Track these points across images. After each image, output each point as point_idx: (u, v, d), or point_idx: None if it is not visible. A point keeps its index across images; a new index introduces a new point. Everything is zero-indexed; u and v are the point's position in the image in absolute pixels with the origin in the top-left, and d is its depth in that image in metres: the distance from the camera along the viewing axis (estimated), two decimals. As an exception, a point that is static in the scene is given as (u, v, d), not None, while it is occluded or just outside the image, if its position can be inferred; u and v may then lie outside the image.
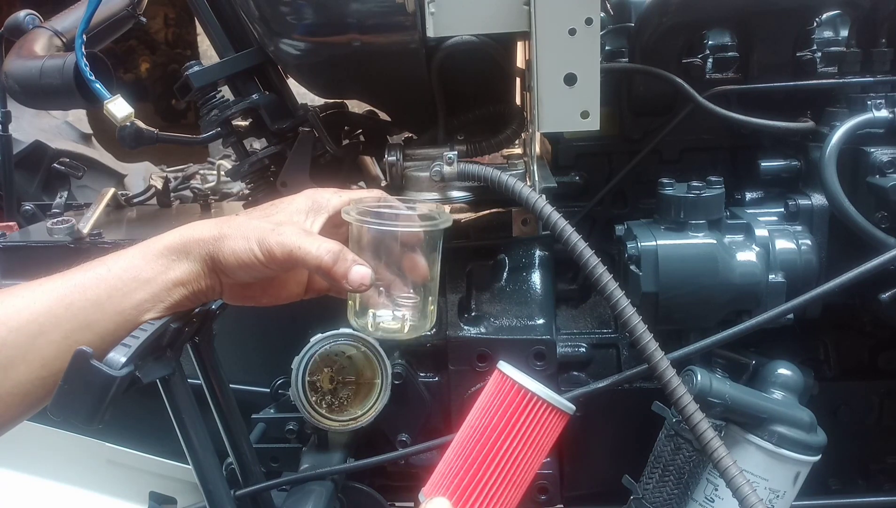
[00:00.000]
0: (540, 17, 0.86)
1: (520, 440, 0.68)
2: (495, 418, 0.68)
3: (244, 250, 0.72)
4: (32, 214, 1.53)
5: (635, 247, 0.94)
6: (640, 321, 0.81)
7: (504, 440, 0.68)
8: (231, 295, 0.78)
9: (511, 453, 0.68)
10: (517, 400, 0.68)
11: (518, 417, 0.68)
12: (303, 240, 0.73)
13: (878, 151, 0.95)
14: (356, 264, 0.74)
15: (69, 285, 0.70)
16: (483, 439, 0.68)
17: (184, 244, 0.73)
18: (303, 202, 0.80)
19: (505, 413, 0.68)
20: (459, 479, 0.68)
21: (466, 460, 0.68)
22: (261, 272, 0.74)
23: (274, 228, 0.73)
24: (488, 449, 0.68)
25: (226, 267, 0.73)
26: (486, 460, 0.68)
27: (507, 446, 0.68)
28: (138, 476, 1.25)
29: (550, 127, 0.90)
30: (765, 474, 0.89)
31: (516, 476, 0.68)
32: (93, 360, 0.65)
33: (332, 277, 0.73)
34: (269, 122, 1.11)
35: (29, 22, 1.41)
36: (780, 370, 0.94)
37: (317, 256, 0.72)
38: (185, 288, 0.73)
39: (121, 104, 1.10)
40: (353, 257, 0.74)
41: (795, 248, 0.96)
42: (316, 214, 0.79)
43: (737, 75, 1.15)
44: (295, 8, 0.94)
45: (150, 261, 0.72)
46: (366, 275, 0.74)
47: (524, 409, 0.68)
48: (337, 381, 1.00)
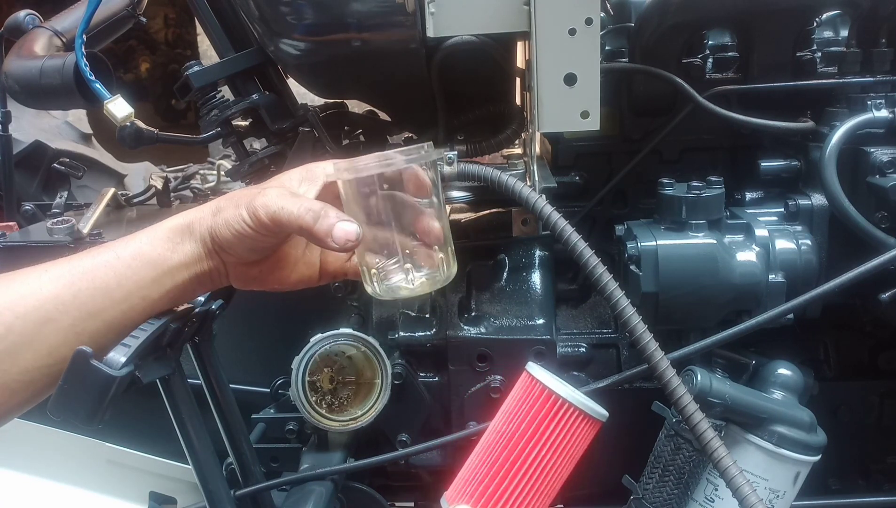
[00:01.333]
0: (540, 17, 0.86)
1: (549, 447, 0.64)
2: (523, 424, 0.65)
3: (234, 217, 0.70)
4: (32, 214, 1.53)
5: (635, 247, 0.94)
6: (640, 320, 0.81)
7: (532, 448, 0.64)
8: (236, 277, 0.76)
9: (539, 461, 0.64)
10: (547, 406, 0.64)
11: (547, 423, 0.65)
12: (285, 200, 0.70)
13: (878, 151, 0.95)
14: (340, 221, 0.69)
15: (77, 272, 0.69)
16: (510, 445, 0.65)
17: (188, 224, 0.72)
18: (297, 172, 0.77)
19: (534, 419, 0.65)
20: (484, 487, 0.65)
21: (492, 467, 0.65)
22: (254, 241, 0.71)
23: (260, 191, 0.71)
24: (515, 456, 0.64)
25: (222, 240, 0.71)
26: (513, 468, 0.64)
27: (535, 453, 0.64)
28: (138, 476, 1.24)
29: (550, 127, 0.90)
30: (765, 474, 0.89)
31: (544, 484, 0.65)
32: (92, 360, 0.65)
33: (315, 237, 0.70)
34: (269, 122, 1.11)
35: (29, 22, 1.41)
36: (780, 370, 0.94)
37: (297, 215, 0.69)
38: (189, 270, 0.72)
39: (121, 104, 1.10)
40: (337, 214, 0.70)
41: (795, 248, 0.96)
42: (310, 182, 0.76)
43: (737, 75, 1.15)
44: (295, 8, 0.94)
45: (156, 245, 0.71)
46: (351, 231, 0.69)
47: (554, 415, 0.64)
48: (337, 381, 1.00)
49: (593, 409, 0.65)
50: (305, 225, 0.69)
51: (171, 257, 0.71)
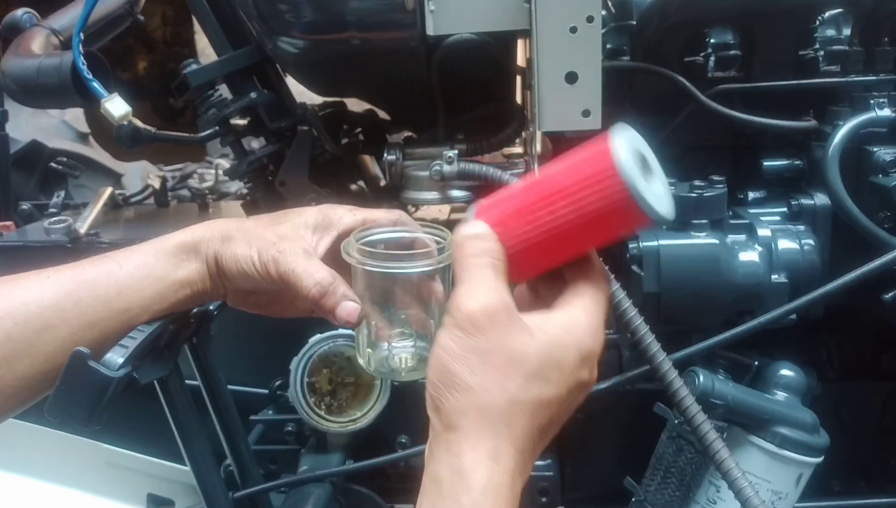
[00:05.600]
0: (541, 15, 0.85)
1: (579, 212, 0.58)
2: (570, 179, 0.59)
3: (245, 256, 0.70)
4: (29, 213, 1.52)
5: (637, 247, 0.94)
6: (642, 321, 0.80)
7: (565, 204, 0.58)
8: (234, 300, 0.76)
9: (569, 221, 0.58)
10: (602, 176, 0.57)
11: (591, 191, 0.58)
12: (298, 264, 0.69)
13: (881, 150, 0.94)
14: (345, 300, 0.69)
15: (79, 280, 0.69)
16: (552, 193, 0.59)
17: (194, 243, 0.72)
18: (312, 217, 0.75)
19: (581, 181, 0.58)
20: (507, 217, 0.61)
21: (523, 203, 0.60)
22: (258, 284, 0.71)
23: (276, 242, 0.70)
24: (548, 204, 0.59)
25: (226, 271, 0.71)
26: (541, 212, 0.59)
27: (566, 210, 0.58)
28: (136, 478, 1.24)
29: (551, 126, 0.89)
30: (767, 475, 0.89)
31: (562, 241, 0.59)
32: (90, 361, 0.65)
33: (319, 309, 0.70)
34: (267, 121, 1.10)
35: (26, 20, 1.40)
36: (782, 370, 0.94)
37: (306, 286, 0.69)
38: (190, 288, 0.72)
39: (118, 103, 1.09)
40: (344, 292, 0.69)
41: (798, 248, 0.95)
42: (324, 231, 0.74)
43: (739, 74, 1.14)
44: (293, 6, 0.93)
45: (161, 259, 0.71)
46: (353, 312, 0.69)
47: (602, 186, 0.57)
48: (336, 382, 0.99)
49: (646, 203, 0.56)
50: (312, 296, 0.69)
51: (175, 274, 0.71)
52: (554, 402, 0.55)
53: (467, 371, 0.52)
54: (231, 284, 0.73)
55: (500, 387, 0.51)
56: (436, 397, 0.53)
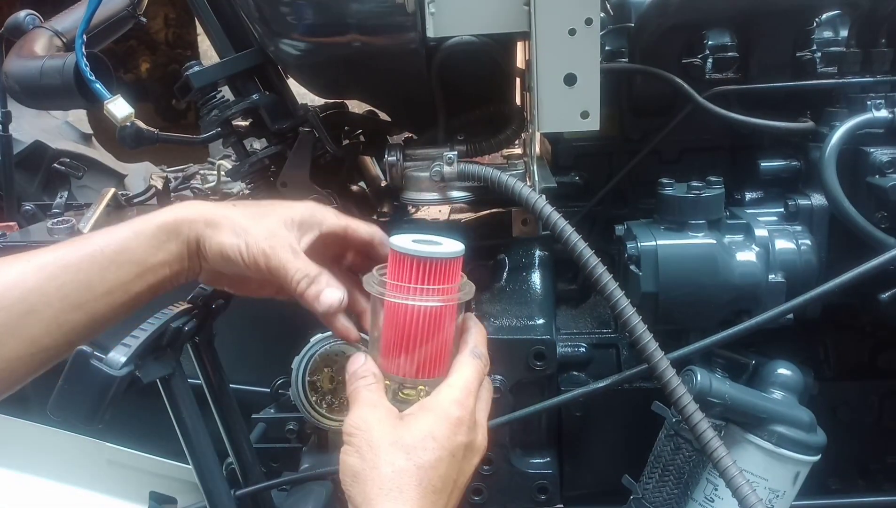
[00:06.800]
0: (540, 17, 0.86)
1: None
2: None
3: (231, 244, 0.73)
4: (33, 214, 1.53)
5: (635, 247, 0.94)
6: (640, 320, 0.81)
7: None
8: (207, 280, 0.80)
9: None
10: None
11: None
12: (287, 258, 0.74)
13: (877, 151, 0.95)
14: (329, 287, 0.75)
15: (60, 264, 0.70)
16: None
17: (176, 224, 0.73)
18: (299, 212, 0.78)
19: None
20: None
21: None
22: (240, 270, 0.74)
23: (267, 236, 0.74)
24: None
25: (208, 255, 0.73)
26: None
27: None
28: (138, 476, 1.25)
29: (550, 127, 0.90)
30: (764, 474, 0.89)
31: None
32: (92, 360, 0.66)
33: (303, 300, 0.75)
34: (269, 122, 1.11)
35: (29, 22, 1.41)
36: (779, 369, 0.94)
37: (294, 279, 0.74)
38: (169, 268, 0.74)
39: (121, 104, 1.10)
40: (328, 280, 0.75)
41: (795, 248, 0.96)
42: (308, 229, 0.78)
43: (737, 75, 1.15)
44: (295, 8, 0.94)
45: (142, 242, 0.72)
46: (335, 299, 0.75)
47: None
48: (337, 381, 0.99)
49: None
50: (298, 289, 0.74)
51: (156, 256, 0.73)
52: (439, 464, 0.66)
53: (359, 461, 0.65)
54: (209, 265, 0.75)
55: (386, 462, 0.64)
56: (345, 490, 0.66)
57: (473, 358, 0.74)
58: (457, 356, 0.74)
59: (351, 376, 0.74)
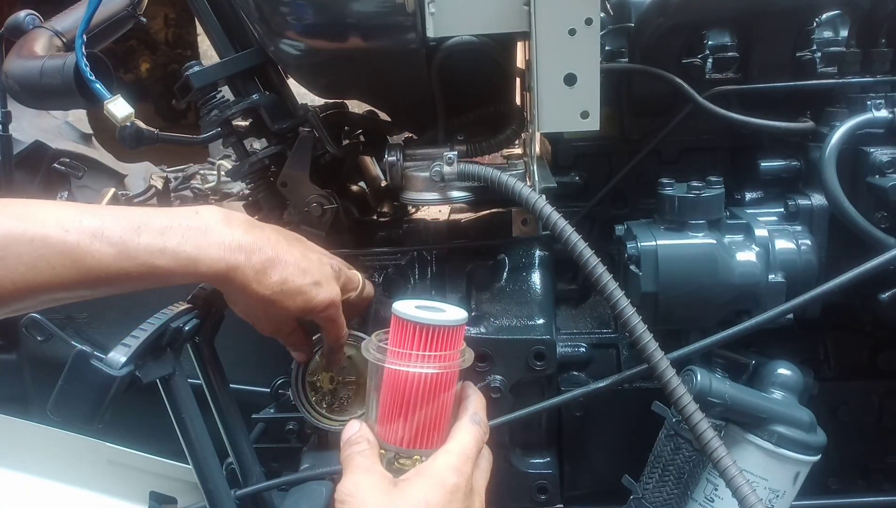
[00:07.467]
0: (540, 17, 0.86)
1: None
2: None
3: (296, 282, 0.78)
4: (33, 214, 1.53)
5: (635, 247, 0.95)
6: (640, 320, 0.81)
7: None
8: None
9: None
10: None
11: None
12: (339, 314, 0.84)
13: (877, 151, 0.95)
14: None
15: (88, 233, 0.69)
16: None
17: (225, 274, 0.75)
18: (335, 272, 0.86)
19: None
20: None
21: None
22: (279, 310, 0.80)
23: (332, 285, 0.82)
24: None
25: (261, 284, 0.76)
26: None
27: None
28: (138, 476, 1.24)
29: (550, 127, 0.90)
30: (764, 474, 0.89)
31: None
32: (92, 360, 0.66)
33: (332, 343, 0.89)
34: (269, 122, 1.11)
35: (29, 22, 1.41)
36: (779, 369, 0.94)
37: (340, 336, 0.87)
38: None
39: (121, 104, 1.09)
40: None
41: (795, 248, 0.96)
42: (337, 281, 0.85)
43: (736, 75, 1.15)
44: (295, 8, 0.94)
45: (173, 268, 0.73)
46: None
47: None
48: (337, 381, 1.00)
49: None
50: (339, 343, 0.89)
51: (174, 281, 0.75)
52: None
53: None
54: (241, 296, 0.79)
55: None
56: None
57: (473, 424, 0.73)
58: (456, 423, 0.74)
59: (345, 443, 0.73)
